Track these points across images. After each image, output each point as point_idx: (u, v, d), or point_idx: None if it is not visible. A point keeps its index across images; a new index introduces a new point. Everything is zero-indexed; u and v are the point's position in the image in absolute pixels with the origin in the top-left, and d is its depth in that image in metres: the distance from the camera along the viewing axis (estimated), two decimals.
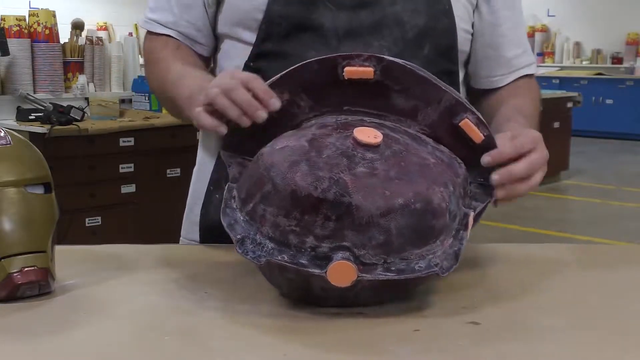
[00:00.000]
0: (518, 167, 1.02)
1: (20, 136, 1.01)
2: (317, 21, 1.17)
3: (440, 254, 0.90)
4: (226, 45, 1.27)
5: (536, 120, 1.24)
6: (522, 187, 1.03)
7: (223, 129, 1.03)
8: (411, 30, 1.18)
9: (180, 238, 1.35)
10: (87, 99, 4.12)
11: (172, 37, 1.27)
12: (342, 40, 1.17)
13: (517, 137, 1.04)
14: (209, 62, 1.33)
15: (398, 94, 1.01)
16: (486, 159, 1.01)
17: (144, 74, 1.38)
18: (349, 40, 1.17)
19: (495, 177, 1.01)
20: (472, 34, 1.28)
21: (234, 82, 1.02)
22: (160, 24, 1.28)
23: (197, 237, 1.31)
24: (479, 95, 1.33)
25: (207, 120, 1.03)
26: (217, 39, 1.29)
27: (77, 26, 4.31)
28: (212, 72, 1.32)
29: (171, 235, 1.42)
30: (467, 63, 1.31)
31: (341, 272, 0.86)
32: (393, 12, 1.18)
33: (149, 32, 1.31)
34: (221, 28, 1.26)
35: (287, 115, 1.03)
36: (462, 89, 1.29)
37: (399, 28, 1.18)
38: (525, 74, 1.33)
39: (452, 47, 1.23)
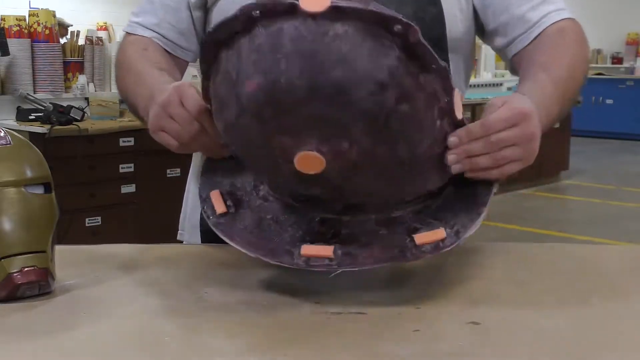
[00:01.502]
0: (477, 144, 0.91)
1: (20, 136, 1.01)
2: None
3: None
4: None
5: (567, 74, 1.12)
6: (491, 170, 0.94)
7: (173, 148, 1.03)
8: None
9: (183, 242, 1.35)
10: (87, 99, 4.12)
11: (152, 39, 1.25)
12: None
13: (493, 108, 0.94)
14: (186, 66, 1.31)
15: None
16: (452, 139, 0.92)
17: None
18: None
19: (451, 156, 0.92)
20: (478, 16, 1.25)
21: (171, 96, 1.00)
22: (142, 26, 1.27)
23: (198, 240, 1.31)
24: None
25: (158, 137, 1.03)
26: None
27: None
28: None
29: (171, 235, 1.42)
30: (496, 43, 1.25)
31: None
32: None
33: (127, 34, 1.29)
34: None
35: None
36: (456, 77, 1.24)
37: None
38: (550, 24, 1.20)
39: (442, 35, 1.21)
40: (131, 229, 3.84)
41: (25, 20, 4.00)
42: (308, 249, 0.91)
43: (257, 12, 0.86)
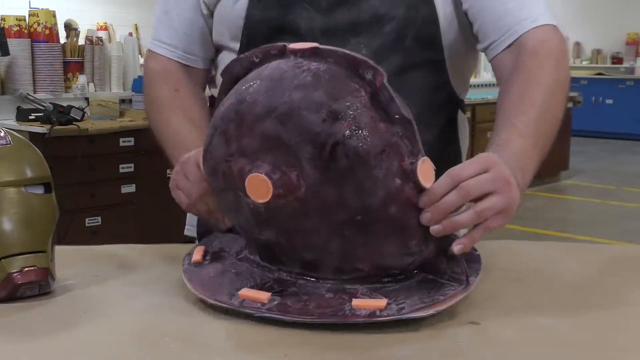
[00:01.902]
0: (450, 197, 0.87)
1: (20, 136, 1.01)
2: (294, 23, 1.17)
3: None
4: (221, 55, 1.29)
5: (542, 112, 1.06)
6: (475, 230, 0.90)
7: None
8: (389, 23, 1.16)
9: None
10: (87, 99, 4.12)
11: (171, 59, 1.29)
12: (320, 40, 1.15)
13: (463, 174, 0.88)
14: (208, 74, 1.34)
15: None
16: (421, 199, 0.88)
17: (143, 75, 1.40)
18: (326, 40, 1.14)
19: (425, 215, 0.88)
20: (470, 19, 1.21)
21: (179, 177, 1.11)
22: (161, 42, 1.30)
23: None
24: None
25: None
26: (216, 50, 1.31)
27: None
28: (214, 79, 1.34)
29: (171, 235, 1.42)
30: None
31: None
32: (370, 6, 1.16)
33: (150, 51, 1.33)
34: (215, 39, 1.28)
35: None
36: (454, 78, 1.24)
37: (376, 22, 1.16)
38: (523, 32, 1.14)
39: (435, 35, 1.19)
40: (131, 229, 3.84)
41: (25, 20, 4.00)
42: (246, 292, 0.92)
43: (259, 56, 0.96)
